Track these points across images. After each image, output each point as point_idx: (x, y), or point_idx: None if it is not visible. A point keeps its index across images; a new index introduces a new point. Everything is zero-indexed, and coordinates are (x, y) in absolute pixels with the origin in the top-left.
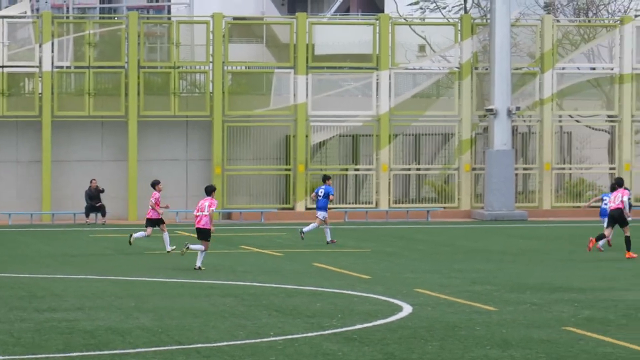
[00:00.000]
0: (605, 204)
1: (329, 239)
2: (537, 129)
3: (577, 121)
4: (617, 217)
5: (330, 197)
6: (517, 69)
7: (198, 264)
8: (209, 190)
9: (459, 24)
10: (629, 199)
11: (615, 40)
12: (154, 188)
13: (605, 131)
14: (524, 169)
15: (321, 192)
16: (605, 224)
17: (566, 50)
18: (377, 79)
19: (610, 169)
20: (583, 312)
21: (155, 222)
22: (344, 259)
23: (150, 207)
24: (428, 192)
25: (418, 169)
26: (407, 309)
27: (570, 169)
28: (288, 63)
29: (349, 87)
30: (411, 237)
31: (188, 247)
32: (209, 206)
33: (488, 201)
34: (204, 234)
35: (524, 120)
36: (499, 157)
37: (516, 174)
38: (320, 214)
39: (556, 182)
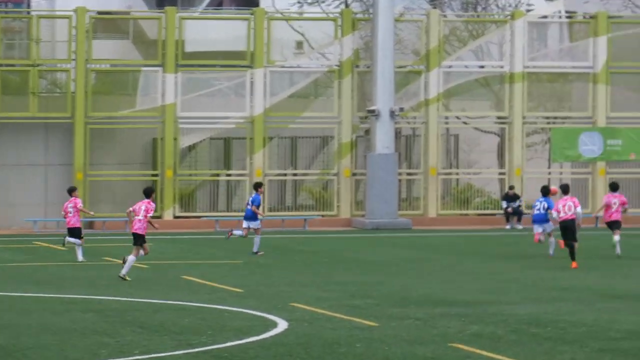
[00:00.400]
0: (538, 210)
1: (255, 249)
2: (422, 131)
3: (465, 123)
4: (568, 228)
5: (253, 207)
6: (401, 67)
7: (124, 272)
8: (148, 192)
9: (339, 19)
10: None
11: (505, 36)
12: (71, 194)
13: (495, 134)
14: (408, 174)
15: (250, 201)
16: (535, 229)
17: (453, 47)
18: (251, 78)
19: (500, 174)
20: (471, 328)
21: (76, 233)
22: (215, 271)
23: (68, 214)
24: (305, 199)
25: (295, 175)
26: (282, 325)
27: (457, 174)
28: (156, 61)
29: (221, 87)
30: (287, 247)
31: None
32: (146, 211)
33: (369, 209)
34: (138, 239)
35: (408, 122)
36: (381, 162)
37: (400, 180)
38: (246, 224)
39: (442, 188)
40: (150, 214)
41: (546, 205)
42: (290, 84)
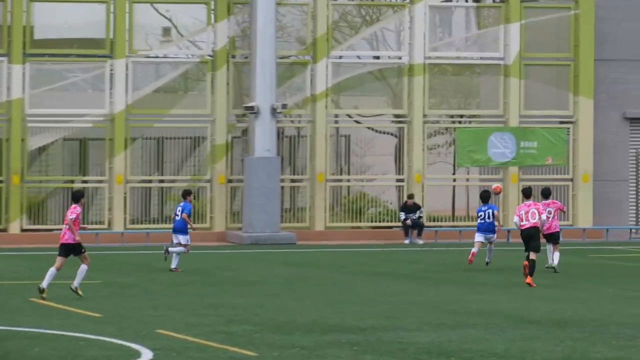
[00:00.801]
0: (482, 220)
1: (174, 265)
2: (308, 131)
3: (358, 122)
4: (531, 237)
5: (184, 215)
6: (283, 57)
7: (75, 284)
8: (76, 197)
9: (212, 2)
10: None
11: (404, 23)
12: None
13: (392, 134)
14: (292, 180)
15: (179, 211)
16: (478, 238)
17: (344, 35)
18: (111, 70)
19: (398, 180)
20: (364, 358)
21: (72, 249)
22: (69, 292)
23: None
24: (173, 209)
25: (161, 181)
26: (146, 355)
27: (348, 180)
28: (0, 49)
29: (76, 80)
30: (152, 265)
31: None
32: (70, 216)
33: (247, 221)
34: (74, 250)
35: (292, 121)
36: (261, 166)
37: (282, 187)
38: (176, 237)
39: (331, 196)
40: (72, 218)
41: (491, 213)
42: (156, 77)
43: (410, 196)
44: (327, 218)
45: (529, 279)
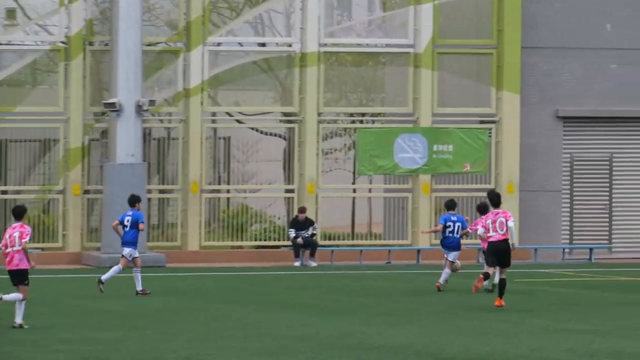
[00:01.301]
0: (451, 232)
1: (139, 287)
2: (181, 132)
3: (239, 122)
4: (502, 251)
5: (140, 226)
6: (151, 45)
7: (18, 320)
8: (19, 213)
9: None
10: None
11: (294, 4)
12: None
13: (280, 136)
14: (161, 191)
15: (127, 221)
16: (448, 256)
17: (224, 18)
18: None
19: (287, 191)
20: None
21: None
22: None
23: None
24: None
25: (4, 192)
26: None
27: (228, 191)
28: None
29: None
30: None
31: (1, 299)
32: (20, 237)
33: (107, 239)
34: (19, 277)
35: (162, 121)
36: (124, 174)
37: (149, 199)
38: (127, 252)
39: (208, 210)
40: (26, 240)
41: (460, 227)
42: None
43: (302, 210)
44: (203, 236)
45: (499, 301)
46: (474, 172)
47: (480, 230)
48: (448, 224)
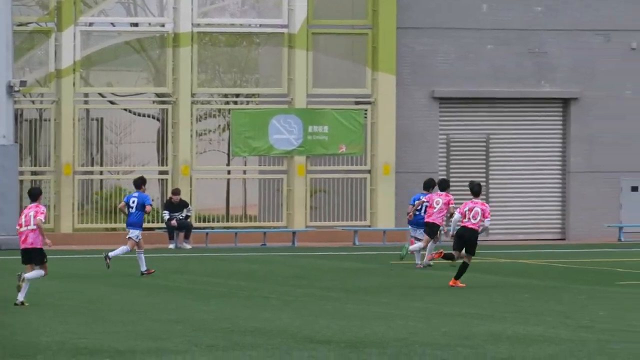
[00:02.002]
0: (418, 211)
1: (143, 268)
2: (53, 113)
3: (112, 102)
4: (467, 239)
5: (147, 207)
6: (21, 25)
7: (20, 298)
8: (35, 194)
9: None
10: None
11: None
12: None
13: (154, 117)
14: (34, 173)
15: (133, 202)
16: (415, 234)
17: None
18: None
19: (161, 172)
20: None
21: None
22: None
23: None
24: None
25: None
26: None
27: (101, 172)
28: None
29: None
30: None
31: (23, 278)
32: (35, 216)
33: None
34: (36, 256)
35: (33, 102)
36: None
37: (22, 181)
38: (135, 234)
39: (81, 192)
40: (41, 217)
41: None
42: None
43: (176, 192)
44: (76, 218)
45: (454, 281)
46: (350, 153)
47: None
48: (416, 202)
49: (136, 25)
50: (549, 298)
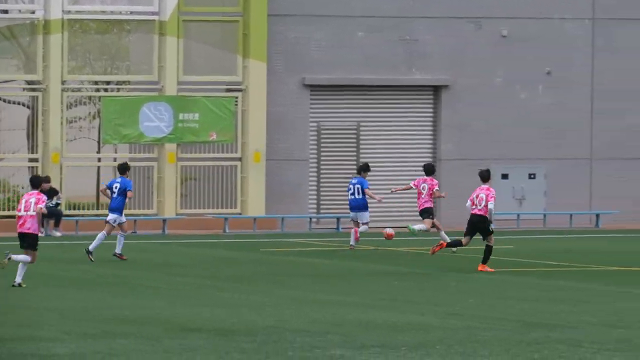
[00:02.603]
0: (353, 194)
1: (118, 250)
2: None
3: None
4: (476, 224)
5: (129, 193)
6: None
7: (18, 279)
8: (37, 182)
9: None
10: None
11: None
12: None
13: (24, 105)
14: None
15: (115, 187)
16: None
17: None
18: None
19: (31, 160)
20: None
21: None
22: None
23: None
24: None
25: None
26: None
27: None
28: None
29: None
30: None
31: (10, 258)
32: (36, 203)
33: None
34: (30, 241)
35: None
36: None
37: None
38: (112, 218)
39: None
40: (42, 206)
41: (360, 189)
42: None
43: (46, 179)
44: None
45: (482, 266)
46: (221, 141)
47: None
48: (349, 186)
49: (6, 12)
50: (418, 285)
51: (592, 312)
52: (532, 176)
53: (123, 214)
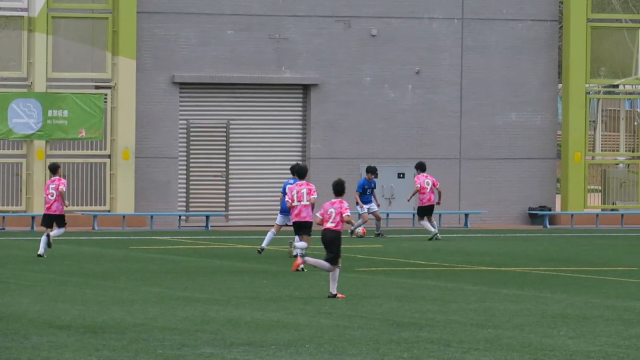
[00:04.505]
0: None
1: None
2: None
3: None
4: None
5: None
6: None
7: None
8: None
9: None
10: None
11: None
12: (56, 173)
13: None
14: None
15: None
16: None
17: None
18: None
19: None
20: None
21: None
22: None
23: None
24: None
25: None
26: None
27: None
28: None
29: None
30: None
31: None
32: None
33: None
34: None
35: None
36: None
37: None
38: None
39: None
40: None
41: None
42: None
43: None
44: None
45: None
46: (90, 138)
47: (416, 186)
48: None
49: None
50: (288, 284)
51: (461, 312)
52: (401, 175)
53: None
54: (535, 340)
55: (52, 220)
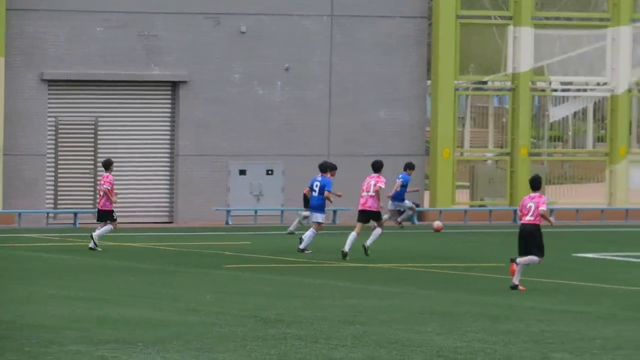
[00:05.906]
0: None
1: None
2: None
3: None
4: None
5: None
6: None
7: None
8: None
9: None
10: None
11: None
12: (108, 169)
13: None
14: None
15: (316, 185)
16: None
17: None
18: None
19: None
20: None
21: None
22: None
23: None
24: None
25: None
26: None
27: None
28: None
29: None
30: None
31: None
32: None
33: None
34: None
35: None
36: None
37: None
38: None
39: None
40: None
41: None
42: None
43: None
44: None
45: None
46: None
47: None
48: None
49: None
50: (156, 281)
51: (329, 309)
52: (269, 172)
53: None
54: (403, 336)
55: (100, 215)
